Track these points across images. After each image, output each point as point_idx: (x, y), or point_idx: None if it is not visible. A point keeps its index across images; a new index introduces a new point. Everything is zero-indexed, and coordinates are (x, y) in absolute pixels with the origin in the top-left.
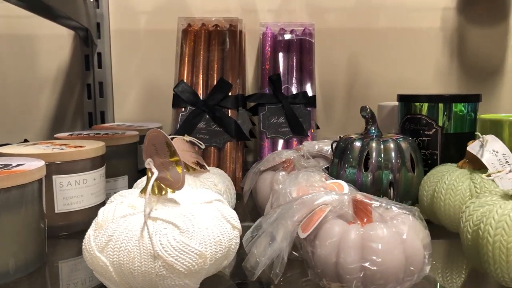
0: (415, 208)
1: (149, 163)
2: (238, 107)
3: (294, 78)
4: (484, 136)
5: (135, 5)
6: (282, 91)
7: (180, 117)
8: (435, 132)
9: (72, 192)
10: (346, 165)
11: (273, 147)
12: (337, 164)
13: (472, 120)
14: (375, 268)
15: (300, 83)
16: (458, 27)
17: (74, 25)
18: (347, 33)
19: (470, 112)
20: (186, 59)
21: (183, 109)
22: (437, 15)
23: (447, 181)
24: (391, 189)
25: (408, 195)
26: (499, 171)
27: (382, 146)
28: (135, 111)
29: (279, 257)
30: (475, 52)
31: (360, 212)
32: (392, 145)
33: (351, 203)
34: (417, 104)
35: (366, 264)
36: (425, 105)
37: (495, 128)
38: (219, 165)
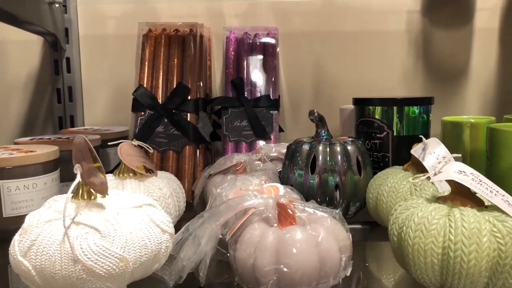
0: (337, 211)
1: (76, 168)
2: (199, 110)
3: (257, 82)
4: (425, 139)
5: (103, 10)
6: (246, 94)
7: (139, 121)
8: (386, 135)
9: (21, 197)
10: (295, 168)
11: (237, 150)
12: (288, 166)
13: (425, 122)
14: (288, 270)
15: (264, 87)
16: (423, 29)
17: (40, 30)
18: (313, 36)
19: (423, 114)
20: (146, 63)
21: (142, 113)
22: (402, 17)
23: (390, 183)
24: (337, 191)
25: (355, 198)
26: (423, 175)
27: (328, 149)
28: (104, 114)
29: (203, 260)
30: (441, 54)
31: (283, 216)
32: (338, 148)
33: (275, 206)
34: (370, 107)
35: (280, 267)
36: (378, 108)
37: (456, 130)
38: (178, 169)
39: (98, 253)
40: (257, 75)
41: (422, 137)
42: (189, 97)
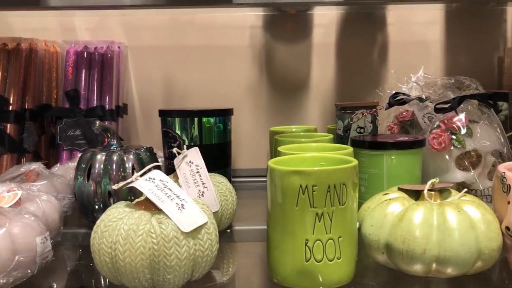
0: (32, 217)
1: None
2: (25, 121)
3: (95, 93)
4: (186, 149)
5: None
6: (82, 105)
7: None
8: (179, 145)
9: None
10: (78, 175)
11: (71, 158)
12: (75, 174)
13: (221, 132)
14: None
15: (101, 98)
16: (265, 44)
17: None
18: (162, 49)
19: (218, 124)
20: None
21: None
22: (245, 33)
23: None
24: (111, 198)
25: None
26: (124, 182)
27: (104, 158)
28: None
29: None
30: (283, 67)
31: None
32: (115, 158)
33: None
34: (169, 118)
35: None
36: (177, 120)
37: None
38: None
39: None
40: (94, 87)
41: (185, 147)
42: (10, 108)
